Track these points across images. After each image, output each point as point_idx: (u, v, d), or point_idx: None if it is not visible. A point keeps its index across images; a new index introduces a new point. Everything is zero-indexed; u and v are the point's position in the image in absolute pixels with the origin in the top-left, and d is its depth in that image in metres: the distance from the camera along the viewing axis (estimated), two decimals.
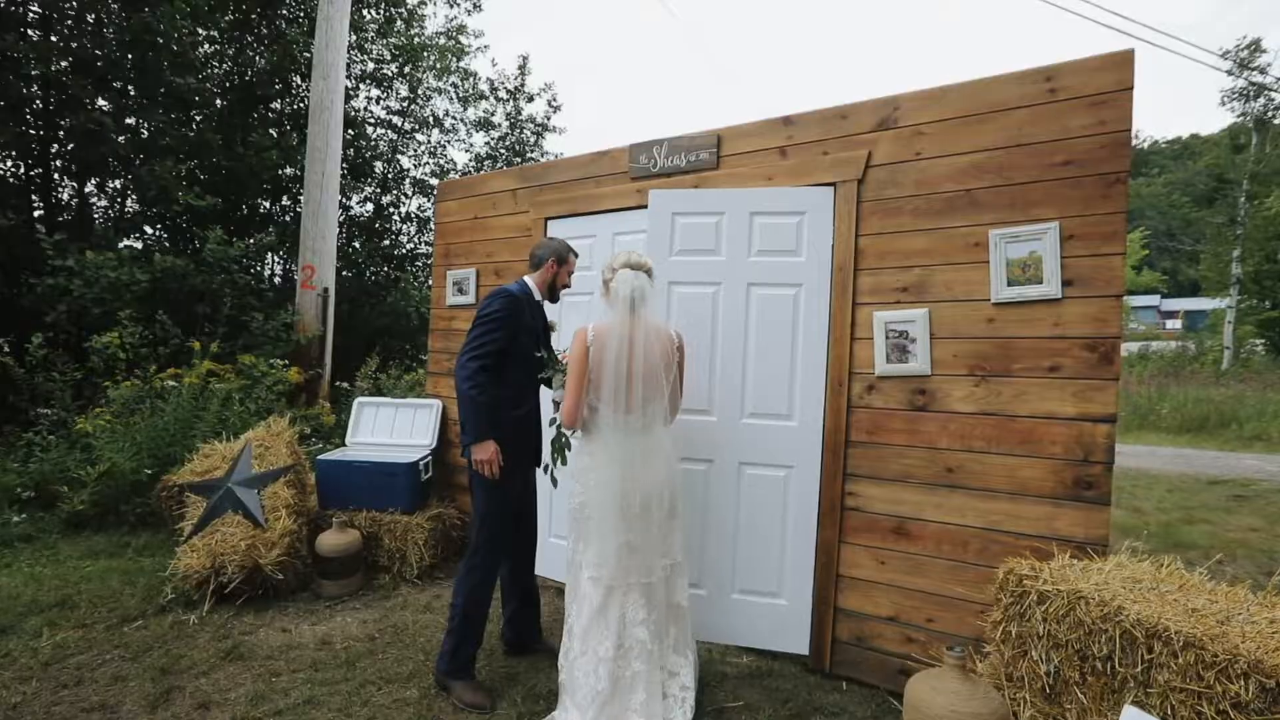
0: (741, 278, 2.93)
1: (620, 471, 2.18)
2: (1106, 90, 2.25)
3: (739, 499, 2.91)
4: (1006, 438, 2.41)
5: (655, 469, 2.22)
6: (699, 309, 2.96)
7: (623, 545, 2.19)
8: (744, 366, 2.91)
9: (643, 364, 2.17)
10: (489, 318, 2.43)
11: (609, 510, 2.20)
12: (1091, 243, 2.27)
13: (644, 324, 2.22)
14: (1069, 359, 2.30)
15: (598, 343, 2.22)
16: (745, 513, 2.90)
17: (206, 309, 5.65)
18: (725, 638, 2.92)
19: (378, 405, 4.30)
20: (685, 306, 2.97)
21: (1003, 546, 2.40)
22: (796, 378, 2.84)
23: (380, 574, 3.65)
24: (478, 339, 2.41)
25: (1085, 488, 2.26)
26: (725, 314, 2.94)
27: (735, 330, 2.93)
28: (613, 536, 2.19)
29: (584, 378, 2.23)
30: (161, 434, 4.32)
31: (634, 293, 2.22)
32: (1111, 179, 2.24)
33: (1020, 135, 2.41)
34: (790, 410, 2.84)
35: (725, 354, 2.93)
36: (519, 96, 10.38)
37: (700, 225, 2.99)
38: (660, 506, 2.24)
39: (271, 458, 3.69)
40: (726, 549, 2.92)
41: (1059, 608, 1.77)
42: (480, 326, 2.42)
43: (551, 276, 2.67)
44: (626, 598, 2.21)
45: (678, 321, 2.87)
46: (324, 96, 5.94)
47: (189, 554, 3.22)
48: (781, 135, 2.95)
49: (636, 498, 2.18)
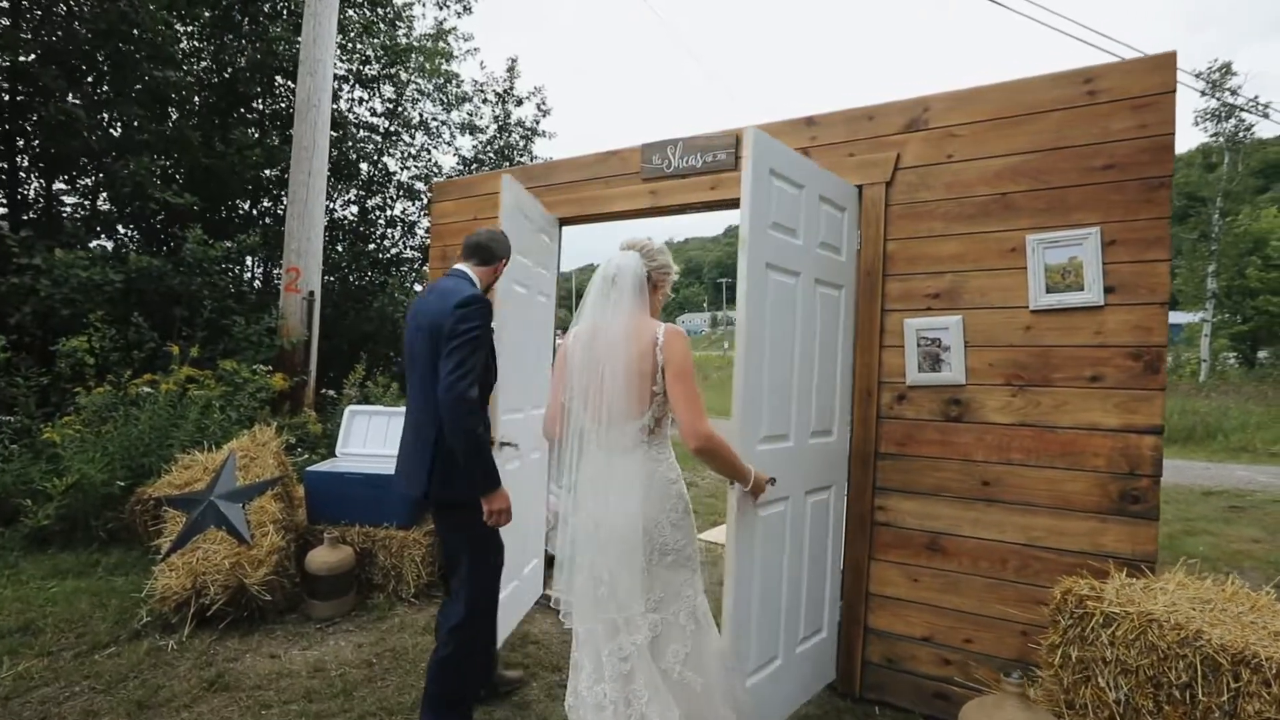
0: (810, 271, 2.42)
1: (584, 496, 1.79)
2: (1148, 93, 2.19)
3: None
4: (1047, 450, 2.32)
5: (621, 498, 1.75)
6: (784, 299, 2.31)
7: (593, 579, 1.77)
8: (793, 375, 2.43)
9: (606, 367, 1.75)
10: (474, 334, 1.97)
11: (575, 534, 1.81)
12: (1134, 248, 2.20)
13: (618, 319, 1.77)
14: (1112, 368, 2.22)
15: (571, 347, 1.86)
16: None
17: (184, 312, 5.38)
18: None
19: (370, 414, 4.10)
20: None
21: (1044, 564, 2.31)
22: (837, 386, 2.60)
23: (374, 593, 3.44)
24: (470, 361, 1.95)
25: (1132, 501, 2.17)
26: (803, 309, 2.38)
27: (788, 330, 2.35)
28: (580, 567, 1.79)
29: (558, 387, 1.90)
30: (136, 443, 4.06)
31: (609, 270, 1.81)
32: (1155, 183, 2.18)
33: (1058, 138, 2.33)
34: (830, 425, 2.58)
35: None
36: (508, 99, 10.23)
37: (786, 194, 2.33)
38: (627, 543, 1.74)
39: (257, 469, 3.47)
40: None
41: (1128, 631, 1.67)
42: (467, 345, 1.96)
43: (494, 277, 2.34)
44: (608, 642, 1.76)
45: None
46: (311, 93, 5.74)
47: (167, 573, 2.99)
48: (805, 136, 2.85)
49: (602, 527, 1.76)
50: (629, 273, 1.79)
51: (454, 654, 2.10)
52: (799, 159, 2.40)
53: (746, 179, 2.08)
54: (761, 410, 2.16)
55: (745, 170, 2.09)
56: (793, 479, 2.33)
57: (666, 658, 1.77)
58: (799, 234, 2.37)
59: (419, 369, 2.10)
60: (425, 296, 2.20)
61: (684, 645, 1.79)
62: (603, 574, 1.74)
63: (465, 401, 1.91)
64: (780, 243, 2.27)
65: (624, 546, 1.73)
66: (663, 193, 3.18)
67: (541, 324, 3.40)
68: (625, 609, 1.72)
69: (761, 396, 2.15)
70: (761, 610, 2.20)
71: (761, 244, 2.15)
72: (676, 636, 1.79)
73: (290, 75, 7.82)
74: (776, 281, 2.24)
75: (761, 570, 2.18)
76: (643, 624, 1.74)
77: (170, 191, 5.76)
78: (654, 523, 1.76)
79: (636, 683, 1.71)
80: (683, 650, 1.78)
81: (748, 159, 2.10)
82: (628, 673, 1.72)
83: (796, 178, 2.35)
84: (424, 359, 2.05)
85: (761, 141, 2.15)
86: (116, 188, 5.69)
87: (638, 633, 1.73)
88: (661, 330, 1.78)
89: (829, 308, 2.55)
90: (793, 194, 2.34)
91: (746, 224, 2.09)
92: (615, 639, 1.74)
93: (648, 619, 1.75)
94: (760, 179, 2.14)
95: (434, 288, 2.19)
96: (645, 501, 1.76)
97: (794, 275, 2.34)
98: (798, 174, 2.36)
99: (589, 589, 1.76)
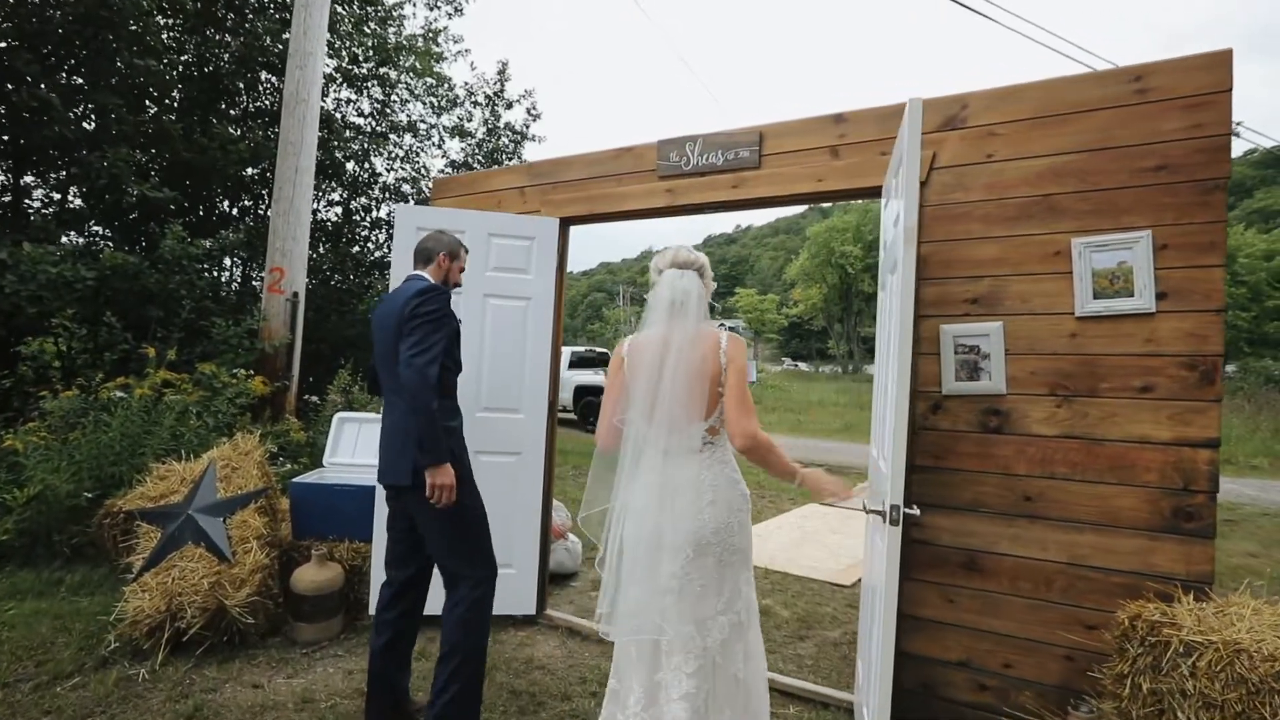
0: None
1: (649, 502, 1.78)
2: (1203, 91, 2.11)
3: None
4: (1093, 464, 2.20)
5: (690, 502, 1.77)
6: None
7: (654, 590, 1.75)
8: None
9: (675, 373, 1.76)
10: (433, 316, 2.08)
11: (638, 547, 1.78)
12: (1187, 253, 2.11)
13: (685, 330, 1.80)
14: (1164, 378, 2.12)
15: (632, 357, 1.87)
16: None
17: (160, 313, 5.09)
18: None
19: (360, 422, 3.88)
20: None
21: (1090, 584, 2.19)
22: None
23: (363, 614, 3.21)
24: (429, 340, 2.05)
25: (1186, 519, 2.06)
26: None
27: None
28: (644, 580, 1.76)
29: (615, 396, 1.89)
30: (106, 452, 3.78)
31: (674, 295, 1.84)
32: (1210, 185, 2.09)
33: (1105, 137, 2.24)
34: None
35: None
36: (497, 102, 10.06)
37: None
38: (701, 549, 1.75)
39: (239, 480, 3.24)
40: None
41: (1213, 662, 1.54)
42: (426, 325, 2.06)
43: (444, 274, 2.38)
44: (669, 659, 1.73)
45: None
46: (299, 87, 5.51)
47: (139, 594, 2.74)
48: (833, 133, 2.73)
49: (667, 534, 1.76)
50: (694, 296, 1.85)
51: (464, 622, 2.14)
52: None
53: (911, 158, 1.81)
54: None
55: (904, 151, 1.85)
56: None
57: (735, 660, 1.79)
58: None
59: (389, 364, 2.18)
60: (385, 301, 2.32)
61: (743, 642, 1.82)
62: (670, 583, 1.73)
63: (423, 375, 1.98)
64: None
65: (697, 550, 1.75)
66: (680, 191, 3.04)
67: (515, 326, 3.30)
68: (698, 613, 1.74)
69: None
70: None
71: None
72: (739, 635, 1.81)
73: (276, 71, 7.57)
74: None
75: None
76: (714, 627, 1.75)
77: (148, 186, 5.46)
78: (724, 525, 1.78)
79: (700, 698, 1.69)
80: (742, 649, 1.81)
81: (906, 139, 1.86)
82: (694, 690, 1.69)
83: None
84: (393, 354, 2.13)
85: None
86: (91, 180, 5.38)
87: (709, 635, 1.74)
88: (724, 335, 1.82)
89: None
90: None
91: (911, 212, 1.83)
92: (682, 653, 1.72)
93: (717, 621, 1.76)
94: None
95: (394, 293, 2.30)
96: (714, 505, 1.77)
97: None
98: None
99: (649, 601, 1.73)
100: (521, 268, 3.31)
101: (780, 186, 2.80)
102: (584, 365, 13.50)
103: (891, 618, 1.75)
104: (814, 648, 3.11)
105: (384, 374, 2.27)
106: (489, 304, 3.26)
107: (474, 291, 3.25)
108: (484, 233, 3.26)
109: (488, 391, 3.24)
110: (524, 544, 3.27)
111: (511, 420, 3.26)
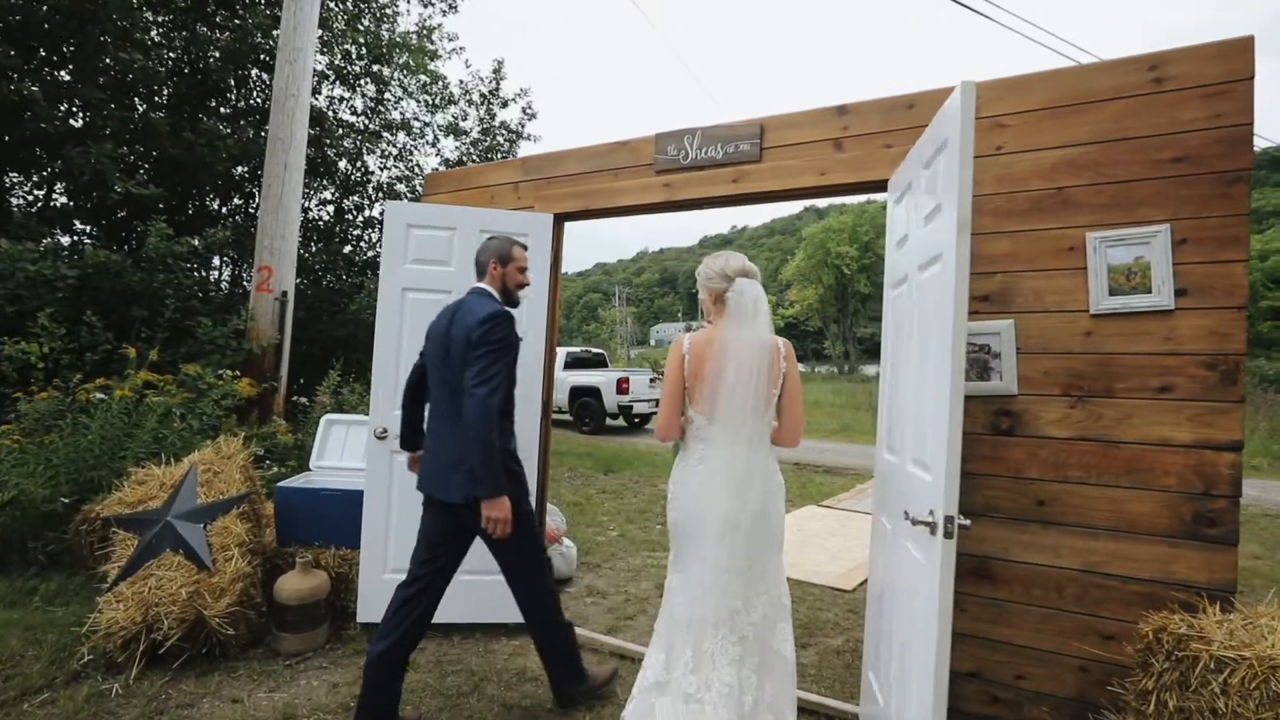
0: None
1: (717, 488, 1.99)
2: (1222, 80, 2.02)
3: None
4: (1109, 467, 2.12)
5: (754, 489, 1.99)
6: None
7: (716, 569, 1.97)
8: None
9: (751, 369, 1.97)
10: (499, 344, 2.12)
11: (703, 529, 2.00)
12: (1208, 247, 2.02)
13: (755, 332, 2.00)
14: (1184, 378, 2.03)
15: (694, 354, 2.05)
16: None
17: (144, 312, 4.96)
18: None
19: (348, 424, 3.76)
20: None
21: (1106, 592, 2.10)
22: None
23: (350, 623, 3.10)
24: (492, 370, 2.08)
25: (1207, 525, 1.98)
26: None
27: None
28: (708, 558, 1.98)
29: (677, 391, 2.07)
30: (85, 455, 3.65)
31: (755, 301, 2.02)
32: (1230, 177, 2.01)
33: (1120, 128, 2.15)
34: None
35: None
36: (493, 101, 9.96)
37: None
38: (758, 532, 1.99)
39: (221, 485, 3.12)
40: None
41: (1246, 679, 1.45)
42: (490, 354, 2.09)
43: (501, 280, 2.36)
44: (716, 631, 1.95)
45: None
46: (289, 82, 5.40)
47: (114, 604, 2.62)
48: (836, 125, 2.65)
49: (732, 517, 1.97)
50: (764, 300, 2.05)
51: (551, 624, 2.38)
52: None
53: (966, 144, 1.67)
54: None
55: (954, 138, 1.69)
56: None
57: (776, 636, 2.00)
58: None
59: (445, 384, 2.22)
60: (446, 314, 2.31)
61: (785, 622, 2.04)
62: (728, 562, 1.95)
63: (485, 406, 2.03)
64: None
65: (755, 532, 1.98)
66: (678, 186, 2.94)
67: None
68: (748, 590, 1.97)
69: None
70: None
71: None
72: (783, 616, 2.04)
73: (267, 68, 7.45)
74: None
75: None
76: (759, 604, 1.99)
77: (133, 182, 5.33)
78: (777, 510, 2.05)
79: (746, 667, 1.92)
80: (785, 628, 2.03)
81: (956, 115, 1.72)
82: (739, 657, 1.92)
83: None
84: (456, 370, 2.16)
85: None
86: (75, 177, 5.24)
87: (755, 611, 1.98)
88: (781, 342, 2.06)
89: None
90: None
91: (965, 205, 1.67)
92: (729, 626, 1.94)
93: (761, 599, 2.00)
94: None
95: (459, 305, 2.29)
96: (769, 492, 2.02)
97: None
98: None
99: (713, 578, 1.95)
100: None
101: (782, 180, 2.71)
102: (580, 366, 13.39)
103: (946, 641, 1.62)
104: (816, 656, 3.02)
105: (435, 381, 2.29)
106: None
107: (465, 290, 3.13)
108: (475, 229, 3.15)
109: None
110: None
111: None
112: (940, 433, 1.66)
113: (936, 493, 1.66)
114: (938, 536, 1.63)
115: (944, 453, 1.63)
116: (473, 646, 3.00)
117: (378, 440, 3.07)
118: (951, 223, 1.68)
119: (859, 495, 6.82)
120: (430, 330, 2.36)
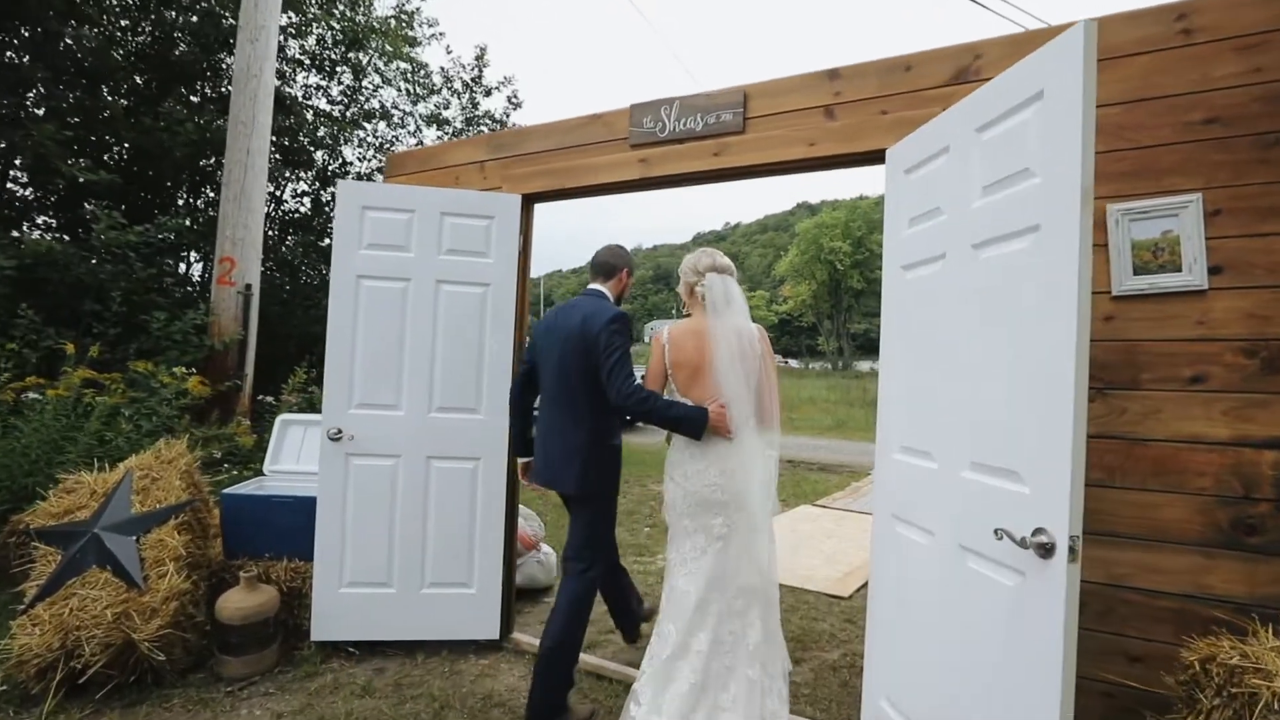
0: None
1: (706, 465, 2.15)
2: (1260, 29, 1.79)
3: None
4: (1134, 468, 1.89)
5: (744, 468, 2.14)
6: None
7: (712, 539, 2.15)
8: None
9: (744, 361, 2.14)
10: (624, 346, 2.28)
11: (698, 504, 2.17)
12: (1246, 219, 1.79)
13: (724, 322, 2.16)
14: (1219, 366, 1.80)
15: (674, 343, 2.23)
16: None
17: (96, 306, 4.66)
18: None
19: (306, 424, 3.50)
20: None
21: (1132, 608, 1.88)
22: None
23: (304, 642, 2.84)
24: (625, 366, 2.22)
25: (1246, 532, 1.75)
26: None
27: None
28: (703, 531, 2.17)
29: (659, 377, 2.24)
30: (18, 460, 3.38)
31: (728, 298, 2.19)
32: (1271, 139, 1.77)
33: (1143, 86, 1.92)
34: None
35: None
36: (475, 89, 9.66)
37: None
38: (761, 509, 2.16)
39: (159, 492, 2.85)
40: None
41: None
42: (619, 351, 2.24)
43: (622, 288, 2.58)
44: (723, 595, 2.14)
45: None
46: (251, 62, 5.12)
47: (29, 629, 2.36)
48: (827, 91, 2.40)
49: (723, 493, 2.14)
50: (736, 292, 2.22)
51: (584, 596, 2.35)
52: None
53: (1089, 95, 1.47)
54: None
55: (1067, 89, 1.50)
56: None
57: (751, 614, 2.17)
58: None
59: (570, 380, 2.34)
60: (568, 314, 2.41)
61: (763, 608, 2.18)
62: (746, 541, 2.14)
63: (635, 397, 2.16)
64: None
65: (760, 512, 2.15)
66: (655, 161, 2.69)
67: (472, 315, 2.97)
68: (758, 567, 2.15)
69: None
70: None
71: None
72: (769, 601, 2.21)
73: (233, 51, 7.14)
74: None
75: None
76: (766, 583, 2.19)
77: (81, 167, 5.02)
78: (757, 493, 2.15)
79: (746, 640, 2.12)
80: (761, 613, 2.18)
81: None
82: (741, 610, 2.13)
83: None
84: (577, 371, 2.31)
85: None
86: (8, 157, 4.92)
87: (771, 589, 2.20)
88: (755, 328, 2.22)
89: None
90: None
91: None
92: (745, 599, 2.14)
93: (766, 577, 2.19)
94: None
95: (577, 306, 2.42)
96: (767, 472, 2.17)
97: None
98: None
99: (733, 560, 2.15)
100: (480, 250, 2.95)
101: (767, 152, 2.47)
102: None
103: (1071, 687, 1.33)
104: (810, 673, 2.79)
105: (552, 383, 2.41)
106: (442, 290, 2.91)
107: (425, 277, 2.89)
108: (436, 212, 2.90)
109: (441, 390, 2.89)
110: (485, 560, 2.92)
111: (469, 421, 2.91)
112: (1058, 436, 1.39)
113: (1046, 507, 1.40)
114: (1055, 560, 1.36)
115: (1066, 460, 1.36)
116: (437, 666, 2.76)
117: (331, 442, 2.81)
118: (1057, 190, 1.44)
119: (854, 494, 6.61)
120: (547, 328, 2.45)
